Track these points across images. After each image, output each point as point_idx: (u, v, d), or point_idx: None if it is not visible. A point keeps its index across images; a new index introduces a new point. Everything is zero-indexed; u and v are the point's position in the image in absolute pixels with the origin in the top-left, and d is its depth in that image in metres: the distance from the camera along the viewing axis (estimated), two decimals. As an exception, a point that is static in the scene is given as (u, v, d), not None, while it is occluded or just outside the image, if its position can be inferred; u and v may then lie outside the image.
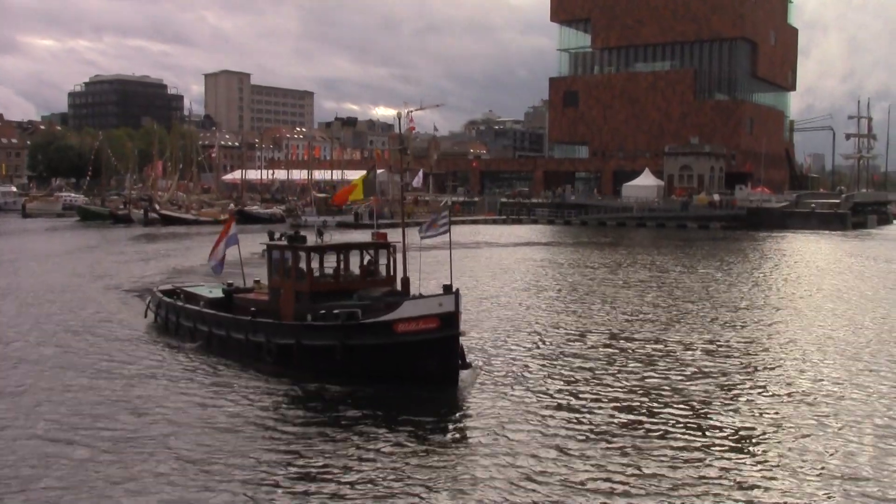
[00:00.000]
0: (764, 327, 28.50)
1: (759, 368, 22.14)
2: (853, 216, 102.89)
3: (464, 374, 19.19)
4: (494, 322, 28.18)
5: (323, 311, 19.69)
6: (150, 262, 50.45)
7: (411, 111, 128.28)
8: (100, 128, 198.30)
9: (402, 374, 18.73)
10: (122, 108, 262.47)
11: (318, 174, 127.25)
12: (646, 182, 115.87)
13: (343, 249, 22.54)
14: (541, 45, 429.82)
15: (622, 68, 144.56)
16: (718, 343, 25.38)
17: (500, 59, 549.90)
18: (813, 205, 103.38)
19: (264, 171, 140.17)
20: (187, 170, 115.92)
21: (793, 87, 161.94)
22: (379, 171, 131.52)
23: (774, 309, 32.90)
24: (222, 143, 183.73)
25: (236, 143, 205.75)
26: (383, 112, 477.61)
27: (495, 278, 40.57)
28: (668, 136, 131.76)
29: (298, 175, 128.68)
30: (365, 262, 22.43)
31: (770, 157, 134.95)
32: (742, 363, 22.68)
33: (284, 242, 22.27)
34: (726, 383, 20.30)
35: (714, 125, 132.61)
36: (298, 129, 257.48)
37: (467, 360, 19.75)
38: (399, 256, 21.90)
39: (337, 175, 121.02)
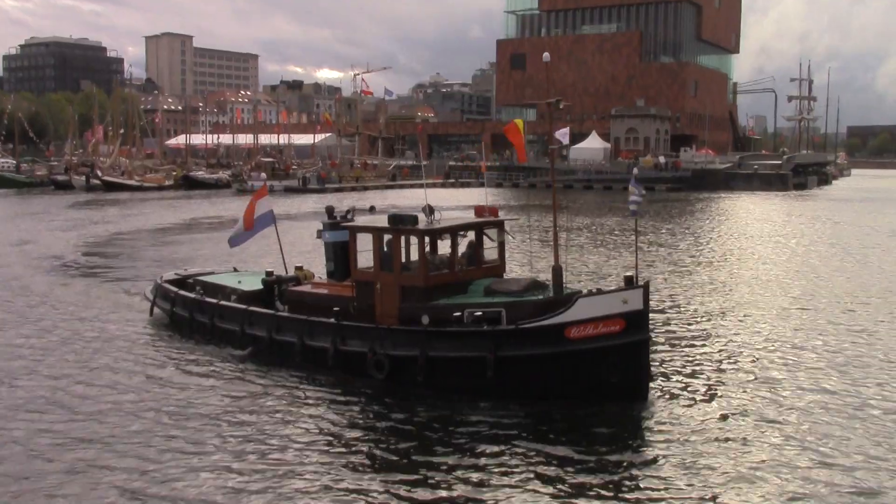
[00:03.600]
0: None
1: None
2: (794, 177, 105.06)
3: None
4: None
5: (458, 314, 15.81)
6: (98, 229, 49.45)
7: (359, 74, 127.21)
8: (37, 92, 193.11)
9: (574, 390, 15.13)
10: (59, 71, 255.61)
11: (265, 138, 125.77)
12: (592, 145, 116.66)
13: (460, 231, 17.75)
14: (489, 7, 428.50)
15: (569, 30, 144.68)
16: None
17: (449, 21, 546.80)
18: (755, 166, 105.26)
19: (209, 136, 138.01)
20: (129, 135, 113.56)
21: (736, 50, 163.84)
22: (327, 136, 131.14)
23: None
24: (165, 107, 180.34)
25: (180, 108, 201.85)
26: (327, 75, 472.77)
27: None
28: (615, 98, 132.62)
29: (244, 139, 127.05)
30: (470, 246, 18.03)
31: (714, 120, 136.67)
32: None
33: (377, 223, 17.75)
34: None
35: (659, 87, 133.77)
36: (243, 92, 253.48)
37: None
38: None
39: (284, 139, 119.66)
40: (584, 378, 15.04)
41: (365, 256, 17.72)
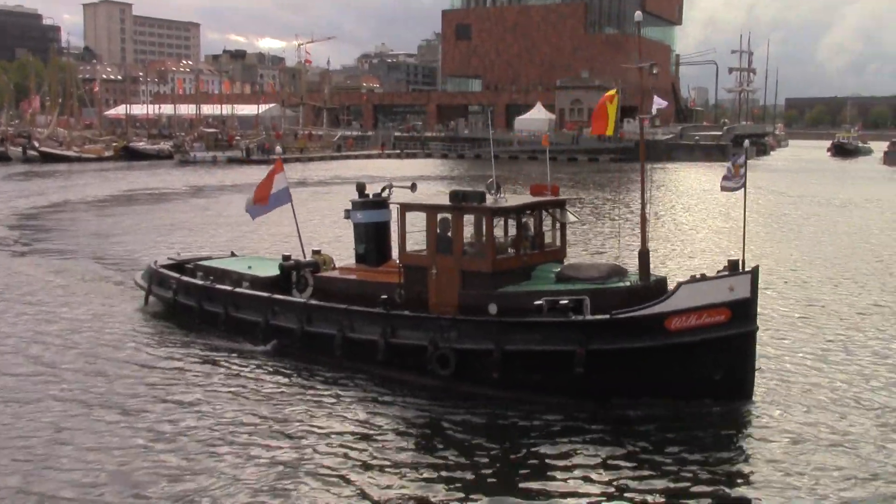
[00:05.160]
0: None
1: None
2: (734, 147, 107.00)
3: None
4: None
5: (539, 302, 14.03)
6: (35, 200, 48.58)
7: (303, 43, 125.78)
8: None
9: (673, 388, 13.66)
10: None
11: (207, 109, 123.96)
12: (538, 116, 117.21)
13: (527, 211, 16.01)
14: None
15: (514, 1, 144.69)
16: None
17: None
18: (696, 137, 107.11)
19: (150, 106, 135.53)
20: (67, 105, 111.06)
21: (679, 22, 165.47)
22: (270, 106, 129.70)
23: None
24: (104, 76, 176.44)
25: (119, 77, 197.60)
26: (270, 44, 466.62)
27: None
28: (560, 69, 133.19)
29: (186, 110, 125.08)
30: (524, 227, 16.17)
31: (657, 91, 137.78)
32: None
33: (433, 201, 16.21)
34: None
35: (604, 59, 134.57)
36: (185, 62, 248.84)
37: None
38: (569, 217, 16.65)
39: (227, 109, 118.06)
40: (685, 375, 13.55)
41: (415, 238, 15.95)
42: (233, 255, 22.70)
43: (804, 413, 13.66)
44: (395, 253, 17.30)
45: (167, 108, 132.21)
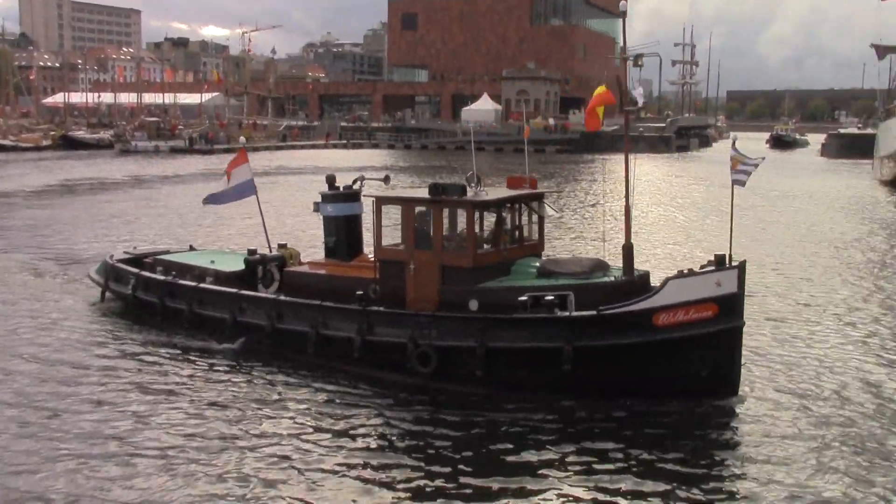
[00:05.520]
0: None
1: None
2: (677, 139, 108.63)
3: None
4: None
5: (524, 298, 13.79)
6: None
7: (247, 32, 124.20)
8: None
9: (660, 385, 13.51)
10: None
11: (149, 97, 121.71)
12: (484, 106, 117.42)
13: (507, 204, 15.66)
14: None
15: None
16: None
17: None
18: (641, 129, 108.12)
19: (90, 94, 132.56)
20: (2, 92, 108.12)
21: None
22: (214, 95, 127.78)
23: None
24: (41, 63, 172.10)
25: (57, 64, 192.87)
26: (214, 32, 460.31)
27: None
28: (506, 60, 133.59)
29: (127, 98, 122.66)
30: (500, 221, 15.76)
31: (602, 83, 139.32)
32: None
33: (411, 194, 15.86)
34: None
35: (549, 50, 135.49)
36: (126, 49, 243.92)
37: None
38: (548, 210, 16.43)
39: (169, 98, 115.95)
40: (672, 371, 13.40)
41: (391, 232, 15.61)
42: (192, 248, 21.93)
43: (786, 408, 13.57)
44: (367, 247, 16.94)
45: (107, 97, 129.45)
